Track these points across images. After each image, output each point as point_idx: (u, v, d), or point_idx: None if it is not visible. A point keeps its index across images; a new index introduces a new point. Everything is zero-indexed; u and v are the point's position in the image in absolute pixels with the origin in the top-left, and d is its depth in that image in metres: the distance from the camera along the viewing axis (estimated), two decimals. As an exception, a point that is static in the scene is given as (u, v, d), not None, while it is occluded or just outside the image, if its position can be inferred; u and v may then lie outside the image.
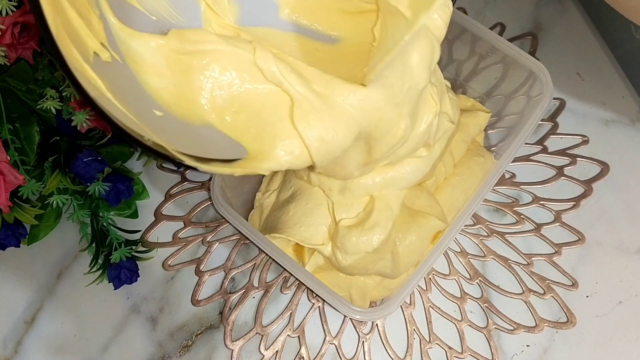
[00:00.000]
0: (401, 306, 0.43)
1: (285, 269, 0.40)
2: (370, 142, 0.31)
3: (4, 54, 0.38)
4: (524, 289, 0.44)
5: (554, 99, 0.49)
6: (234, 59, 0.28)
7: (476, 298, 0.44)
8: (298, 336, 0.43)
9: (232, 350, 0.43)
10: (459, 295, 0.44)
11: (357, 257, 0.38)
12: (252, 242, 0.39)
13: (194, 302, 0.45)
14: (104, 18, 0.25)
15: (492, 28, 0.52)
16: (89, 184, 0.43)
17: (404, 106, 0.30)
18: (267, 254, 0.38)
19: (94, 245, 0.44)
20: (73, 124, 0.41)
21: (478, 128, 0.44)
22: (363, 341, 0.43)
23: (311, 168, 0.31)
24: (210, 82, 0.27)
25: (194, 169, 0.25)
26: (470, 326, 0.43)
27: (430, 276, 0.45)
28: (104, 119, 0.22)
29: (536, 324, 0.43)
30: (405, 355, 0.43)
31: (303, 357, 0.43)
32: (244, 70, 0.28)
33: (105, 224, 0.45)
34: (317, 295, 0.40)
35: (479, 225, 0.46)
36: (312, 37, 0.33)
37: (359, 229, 0.37)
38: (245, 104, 0.28)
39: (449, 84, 0.40)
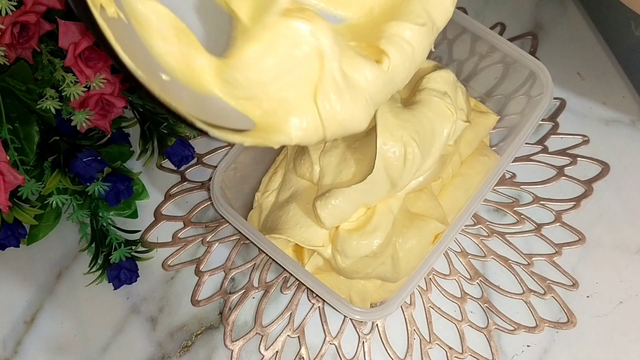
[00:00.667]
0: (401, 306, 0.43)
1: (285, 269, 0.40)
2: None
3: (3, 54, 0.37)
4: (524, 289, 0.44)
5: (554, 98, 0.49)
6: None
7: (476, 298, 0.44)
8: (298, 336, 0.43)
9: (232, 351, 0.43)
10: (459, 296, 0.44)
11: (357, 261, 0.38)
12: (252, 242, 0.39)
13: (194, 302, 0.45)
14: None
15: (492, 28, 0.52)
16: (88, 184, 0.43)
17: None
18: (267, 254, 0.38)
19: (93, 245, 0.44)
20: (73, 124, 0.40)
21: (488, 129, 0.44)
22: (363, 341, 0.43)
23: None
24: None
25: (205, 133, 0.24)
26: (470, 326, 0.43)
27: (430, 276, 0.44)
28: (114, 61, 0.22)
29: (536, 324, 0.43)
30: (406, 355, 0.43)
31: (303, 357, 0.43)
32: None
33: (104, 224, 0.45)
34: (317, 295, 0.40)
35: (479, 225, 0.46)
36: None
37: (359, 233, 0.37)
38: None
39: (454, 76, 0.40)
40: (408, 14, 0.29)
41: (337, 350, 0.43)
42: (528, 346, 0.43)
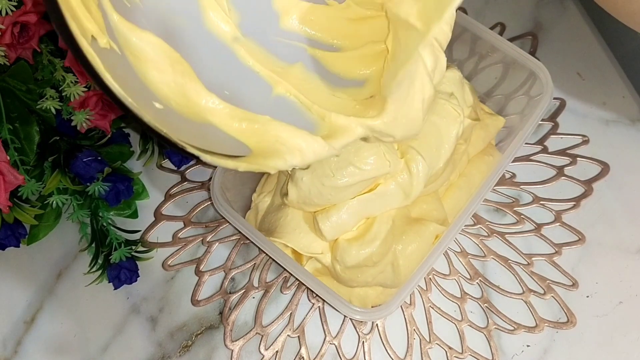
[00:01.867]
0: (401, 306, 0.43)
1: (285, 269, 0.40)
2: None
3: (3, 54, 0.38)
4: (524, 289, 0.44)
5: (554, 98, 0.49)
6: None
7: (476, 298, 0.44)
8: (298, 336, 0.43)
9: (232, 351, 0.43)
10: (459, 295, 0.44)
11: (356, 270, 0.38)
12: (252, 242, 0.39)
13: (194, 302, 0.45)
14: (103, 9, 0.24)
15: (492, 28, 0.52)
16: (88, 184, 0.43)
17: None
18: (267, 254, 0.38)
19: (93, 245, 0.44)
20: (73, 124, 0.41)
21: (496, 130, 0.44)
22: (363, 341, 0.43)
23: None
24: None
25: (197, 157, 0.24)
26: (470, 326, 0.43)
27: (430, 276, 0.44)
28: (101, 89, 0.22)
29: (536, 324, 0.43)
30: (406, 355, 0.43)
31: (303, 357, 0.43)
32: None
33: (105, 224, 0.45)
34: (317, 295, 0.40)
35: (479, 225, 0.46)
36: (315, 46, 0.32)
37: (359, 243, 0.37)
38: (256, 117, 0.27)
39: (460, 73, 0.40)
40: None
41: (337, 350, 0.43)
42: (528, 346, 0.43)
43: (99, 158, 0.42)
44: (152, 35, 0.25)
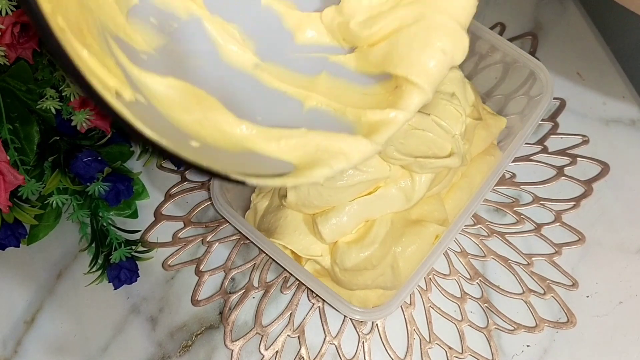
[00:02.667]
0: (401, 306, 0.43)
1: (285, 269, 0.40)
2: None
3: (3, 54, 0.38)
4: (524, 289, 0.44)
5: (554, 98, 0.49)
6: None
7: (476, 298, 0.44)
8: (298, 336, 0.43)
9: (232, 351, 0.43)
10: (459, 295, 0.44)
11: (356, 273, 0.38)
12: (252, 242, 0.39)
13: (194, 302, 0.45)
14: (121, 66, 0.24)
15: (492, 28, 0.52)
16: (88, 184, 0.43)
17: None
18: (267, 254, 0.38)
19: (93, 245, 0.44)
20: (73, 123, 0.41)
21: (498, 131, 0.44)
22: (363, 341, 0.43)
23: None
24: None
25: (242, 182, 0.24)
26: (470, 326, 0.43)
27: (430, 276, 0.44)
28: (136, 137, 0.22)
29: (536, 324, 0.43)
30: (406, 355, 0.43)
31: (303, 357, 0.43)
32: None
33: (105, 224, 0.45)
34: (317, 295, 0.40)
35: (479, 225, 0.46)
36: (335, 52, 0.32)
37: (359, 246, 0.37)
38: (292, 132, 0.27)
39: (461, 73, 0.40)
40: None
41: (337, 350, 0.43)
42: (528, 346, 0.43)
43: (99, 158, 0.42)
44: (173, 79, 0.26)
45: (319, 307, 0.44)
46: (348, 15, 0.30)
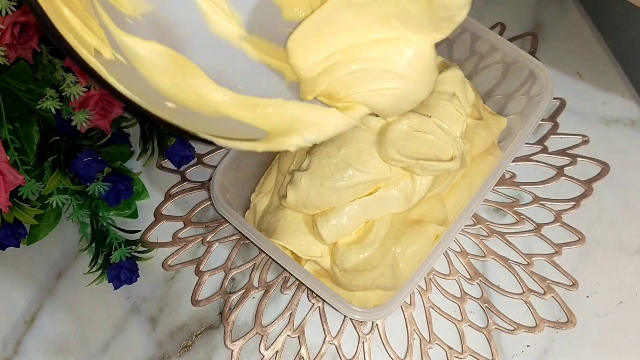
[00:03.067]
0: (401, 306, 0.43)
1: (285, 269, 0.40)
2: None
3: (3, 54, 0.38)
4: (524, 289, 0.44)
5: (554, 98, 0.49)
6: None
7: (476, 298, 0.44)
8: (298, 336, 0.43)
9: (232, 351, 0.43)
10: (459, 295, 0.44)
11: (356, 274, 0.38)
12: (252, 242, 0.39)
13: (194, 302, 0.45)
14: (105, 27, 0.24)
15: (492, 28, 0.52)
16: (88, 184, 0.43)
17: None
18: (267, 254, 0.38)
19: (93, 245, 0.44)
20: (73, 124, 0.41)
21: (499, 131, 0.44)
22: (363, 341, 0.43)
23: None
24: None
25: (210, 142, 0.24)
26: (470, 326, 0.43)
27: (430, 276, 0.44)
28: (111, 94, 0.22)
29: (536, 324, 0.43)
30: (405, 355, 0.43)
31: (303, 357, 0.43)
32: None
33: (105, 224, 0.45)
34: (317, 295, 0.40)
35: (479, 225, 0.46)
36: None
37: (358, 247, 0.37)
38: (268, 101, 0.27)
39: (461, 72, 0.40)
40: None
41: (337, 350, 0.43)
42: (528, 346, 0.43)
43: (99, 158, 0.42)
44: (157, 44, 0.26)
45: (319, 307, 0.44)
46: None
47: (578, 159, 0.48)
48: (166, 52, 0.26)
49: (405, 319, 0.43)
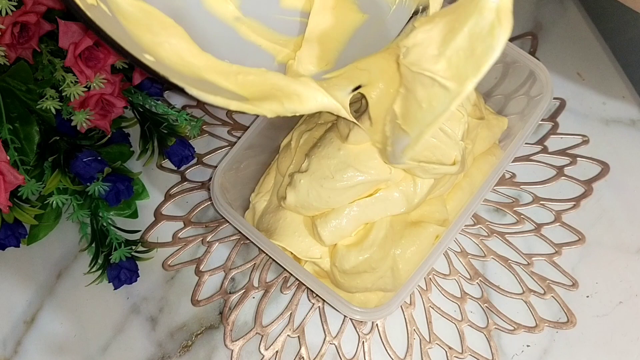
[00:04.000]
0: (401, 306, 0.43)
1: (285, 269, 0.40)
2: None
3: (3, 54, 0.38)
4: (524, 289, 0.44)
5: (554, 98, 0.49)
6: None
7: (476, 298, 0.44)
8: (298, 336, 0.43)
9: (232, 351, 0.43)
10: (459, 295, 0.44)
11: (356, 276, 0.38)
12: (252, 242, 0.39)
13: (194, 302, 0.45)
14: None
15: (492, 28, 0.52)
16: (88, 184, 0.43)
17: None
18: (267, 254, 0.39)
19: (93, 245, 0.44)
20: (73, 124, 0.41)
21: (501, 131, 0.44)
22: (363, 341, 0.43)
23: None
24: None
25: (182, 89, 0.24)
26: (470, 326, 0.43)
27: (430, 276, 0.44)
28: (98, 36, 0.22)
29: (536, 324, 0.43)
30: (405, 355, 0.43)
31: (303, 357, 0.43)
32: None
33: (105, 224, 0.45)
34: (317, 295, 0.40)
35: (479, 225, 0.46)
36: None
37: (358, 248, 0.37)
38: (251, 69, 0.27)
39: None
40: None
41: (337, 350, 0.43)
42: (528, 346, 0.43)
43: (99, 158, 0.42)
44: (144, 4, 0.26)
45: (319, 307, 0.44)
46: None
47: (578, 159, 0.48)
48: (152, 11, 0.26)
49: (405, 319, 0.43)
